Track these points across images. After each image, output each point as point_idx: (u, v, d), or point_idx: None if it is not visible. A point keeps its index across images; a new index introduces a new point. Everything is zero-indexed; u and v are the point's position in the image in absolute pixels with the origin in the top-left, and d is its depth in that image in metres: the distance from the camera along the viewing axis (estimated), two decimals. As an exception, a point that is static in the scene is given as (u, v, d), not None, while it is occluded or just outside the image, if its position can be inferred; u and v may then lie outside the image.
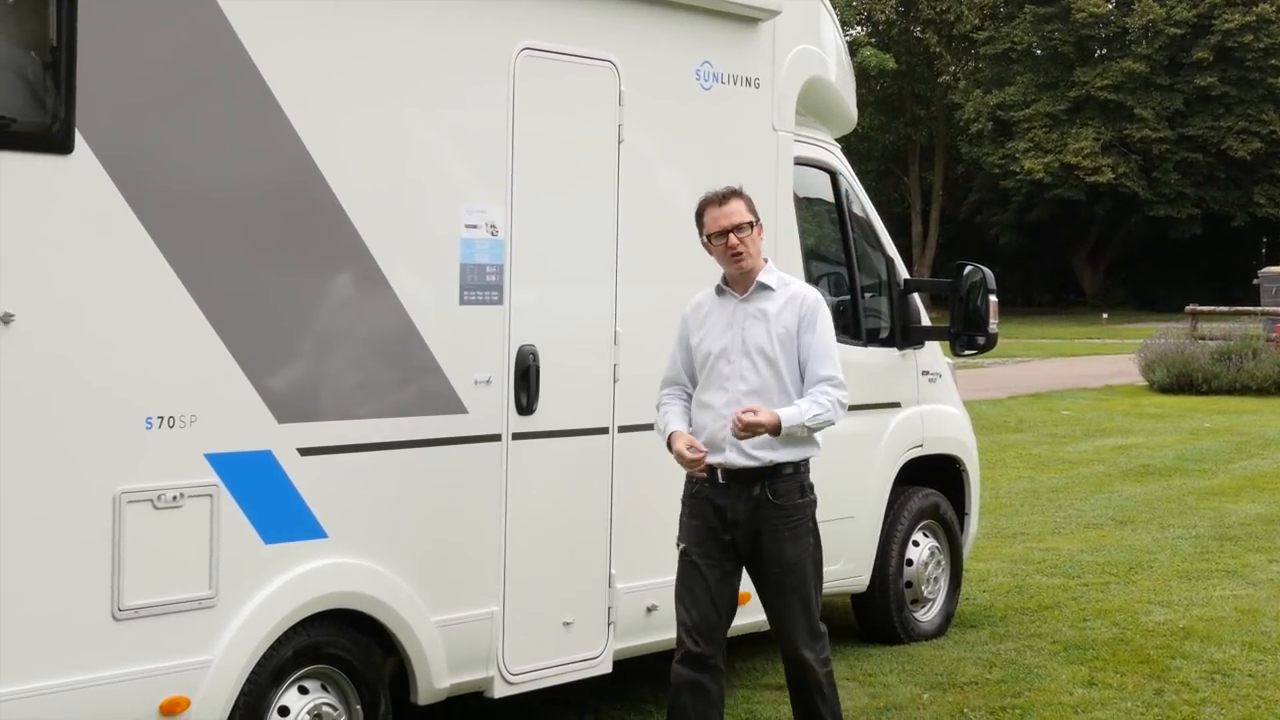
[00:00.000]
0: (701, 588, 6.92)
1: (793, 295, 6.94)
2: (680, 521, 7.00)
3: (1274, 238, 72.70)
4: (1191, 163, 63.81)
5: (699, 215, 7.05)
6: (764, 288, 6.95)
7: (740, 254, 6.92)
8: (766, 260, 7.05)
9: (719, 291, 7.05)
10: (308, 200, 6.44)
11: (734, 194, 7.00)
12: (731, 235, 6.90)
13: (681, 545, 6.98)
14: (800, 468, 6.89)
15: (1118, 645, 10.01)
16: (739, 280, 6.98)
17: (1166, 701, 8.75)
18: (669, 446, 6.92)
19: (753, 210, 7.00)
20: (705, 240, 7.02)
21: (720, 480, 6.83)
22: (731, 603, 6.98)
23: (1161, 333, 32.76)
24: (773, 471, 6.81)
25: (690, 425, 6.96)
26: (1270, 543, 13.87)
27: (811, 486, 6.95)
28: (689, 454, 6.80)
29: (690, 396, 7.05)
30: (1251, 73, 62.99)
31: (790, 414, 6.73)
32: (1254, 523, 14.99)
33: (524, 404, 7.26)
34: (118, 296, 5.83)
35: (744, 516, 6.82)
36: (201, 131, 6.08)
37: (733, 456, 6.80)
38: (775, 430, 6.69)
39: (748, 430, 6.68)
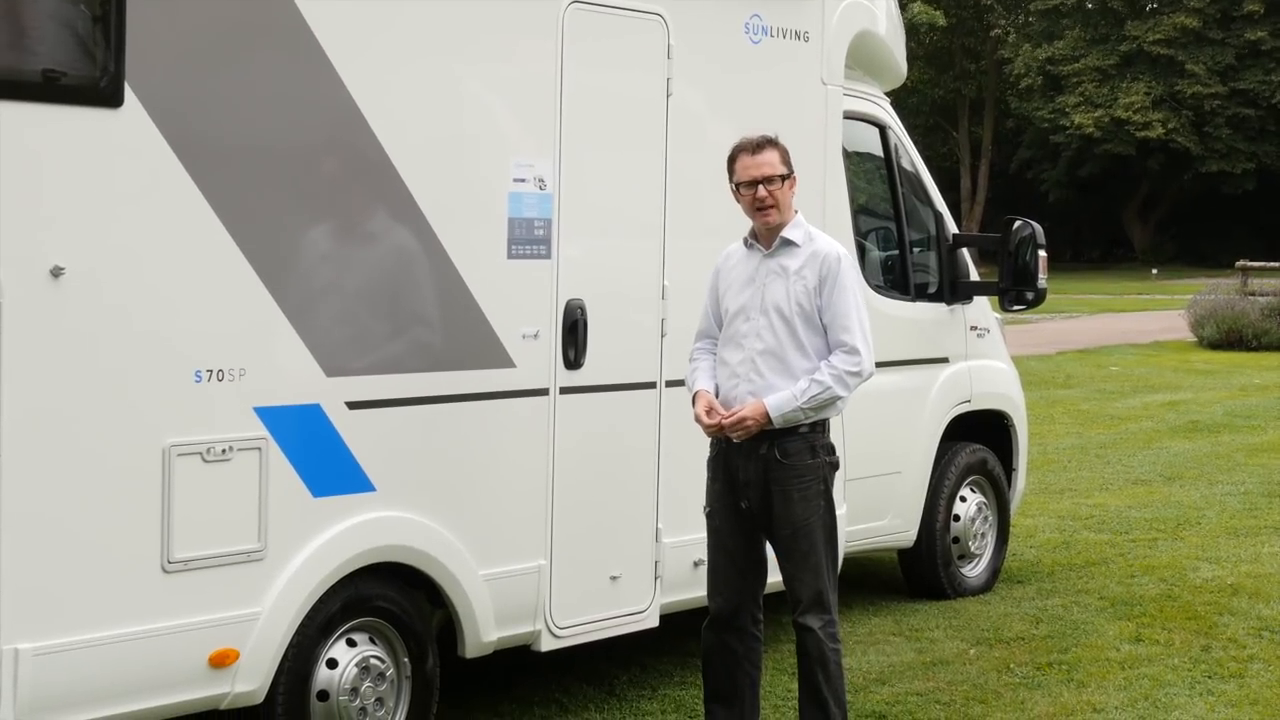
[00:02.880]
0: (722, 552, 6.91)
1: (815, 252, 6.76)
2: (706, 484, 6.98)
3: (1326, 193, 72.12)
4: (1243, 118, 63.22)
5: (731, 161, 6.88)
6: (788, 243, 6.79)
7: (768, 208, 6.77)
8: (797, 212, 6.89)
9: (746, 244, 6.93)
10: (356, 154, 6.44)
11: (769, 143, 6.82)
12: (761, 187, 6.75)
13: (706, 508, 6.96)
14: (815, 428, 6.73)
15: (1165, 601, 9.99)
16: (765, 234, 6.84)
17: (1214, 658, 8.73)
18: (693, 405, 6.88)
19: (787, 162, 6.83)
20: (734, 188, 6.87)
21: (735, 440, 6.75)
22: (758, 564, 6.93)
23: (1211, 288, 32.53)
24: (783, 431, 6.67)
25: (712, 380, 6.89)
26: (1320, 500, 13.81)
27: (828, 449, 6.79)
28: (706, 419, 6.74)
29: (713, 352, 6.98)
30: (1304, 26, 62.41)
31: (780, 400, 6.60)
32: (1303, 480, 14.93)
33: (571, 358, 7.25)
34: (166, 250, 5.84)
35: (755, 476, 6.73)
36: (250, 85, 6.07)
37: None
38: (766, 420, 6.61)
39: (743, 431, 6.63)
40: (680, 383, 7.59)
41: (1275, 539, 12.03)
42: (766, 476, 6.72)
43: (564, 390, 7.26)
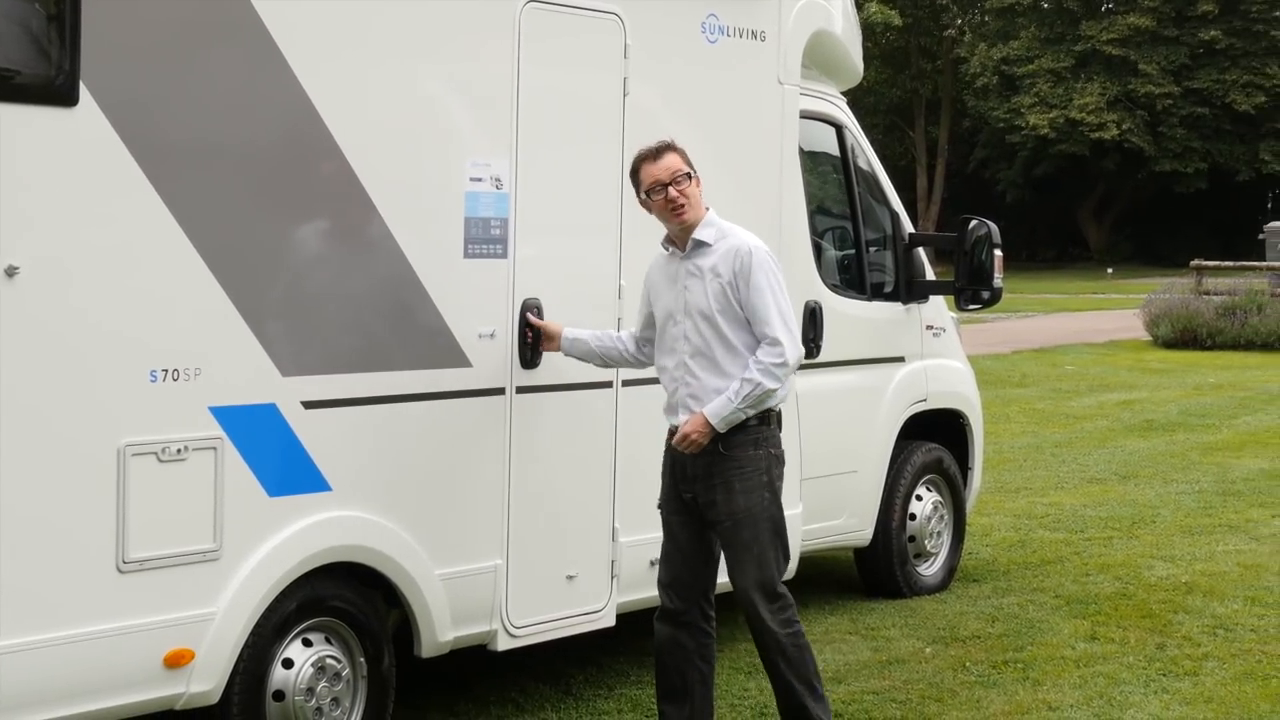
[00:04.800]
0: (673, 545, 6.98)
1: (728, 249, 6.80)
2: (661, 478, 7.02)
3: (1279, 192, 72.58)
4: (1197, 117, 63.53)
5: (634, 173, 6.94)
6: (700, 244, 6.84)
7: (681, 207, 6.80)
8: (708, 209, 6.92)
9: (665, 249, 7.00)
10: (313, 153, 6.43)
11: (668, 147, 6.88)
12: (671, 188, 6.79)
13: (659, 502, 7.02)
14: (761, 420, 6.79)
15: (1120, 600, 10.04)
16: (679, 236, 6.89)
17: (1168, 656, 8.77)
18: None
19: (688, 162, 6.88)
20: (644, 197, 6.91)
21: (687, 452, 6.81)
22: (706, 559, 6.98)
23: (1166, 287, 32.65)
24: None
25: (595, 343, 7.20)
26: (1273, 498, 13.90)
27: (770, 441, 6.84)
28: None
29: (633, 338, 7.20)
30: (1255, 25, 62.63)
31: (717, 406, 6.69)
32: (1257, 478, 15.01)
33: (527, 357, 7.25)
34: (122, 249, 5.82)
35: (700, 470, 6.80)
36: (206, 84, 6.05)
37: (685, 417, 6.80)
38: (709, 429, 6.69)
39: (691, 445, 6.72)
40: (637, 382, 7.61)
41: (1229, 537, 12.10)
42: (711, 469, 6.78)
43: (520, 390, 7.25)
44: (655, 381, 7.15)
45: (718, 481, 6.77)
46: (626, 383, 7.70)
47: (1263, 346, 28.90)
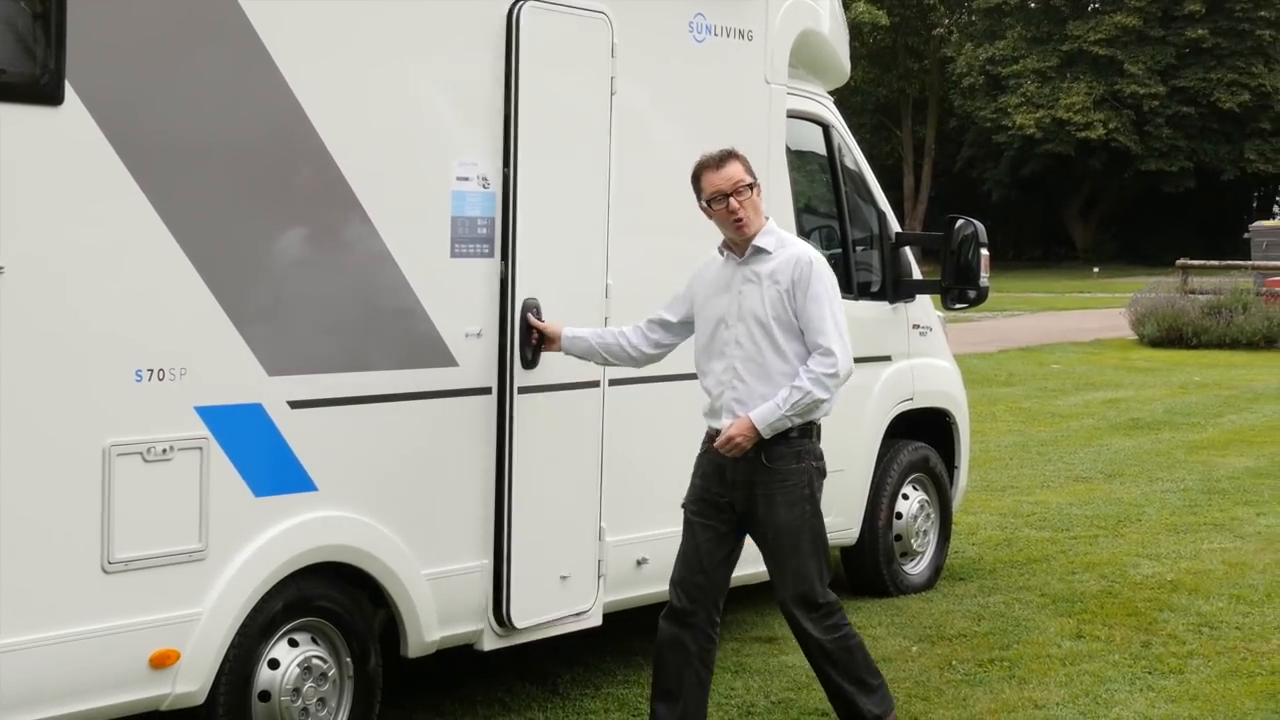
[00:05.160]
0: (691, 546, 6.94)
1: (788, 257, 6.81)
2: (691, 477, 7.01)
3: (1264, 192, 72.76)
4: (1183, 116, 63.69)
5: (695, 179, 6.92)
6: (760, 251, 6.84)
7: (741, 219, 6.81)
8: (768, 218, 6.95)
9: (721, 253, 7.00)
10: (299, 152, 6.42)
11: (731, 156, 6.88)
12: (732, 199, 6.80)
13: (684, 501, 7.01)
14: (803, 433, 6.81)
15: (1105, 598, 10.05)
16: (738, 243, 6.90)
17: (1154, 654, 8.79)
18: None
19: (750, 171, 6.89)
20: (704, 205, 6.91)
21: (730, 456, 6.80)
22: (723, 564, 6.96)
23: (1152, 286, 32.75)
24: (771, 436, 6.75)
25: (595, 340, 7.17)
26: (1258, 496, 13.93)
27: (813, 454, 6.86)
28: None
29: (657, 328, 7.15)
30: (1241, 24, 62.85)
31: (764, 412, 6.69)
32: (1242, 476, 15.04)
33: (529, 358, 7.24)
34: (107, 248, 5.80)
35: (742, 477, 6.80)
36: (193, 82, 6.04)
37: (728, 421, 6.79)
38: (755, 434, 6.69)
39: (735, 449, 6.72)
40: (624, 381, 7.61)
41: (1215, 536, 12.12)
42: (753, 479, 6.78)
43: (518, 390, 7.24)
44: (641, 381, 7.16)
45: (759, 493, 6.79)
46: (613, 383, 7.70)
47: (1248, 345, 28.99)
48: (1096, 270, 60.94)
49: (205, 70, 6.08)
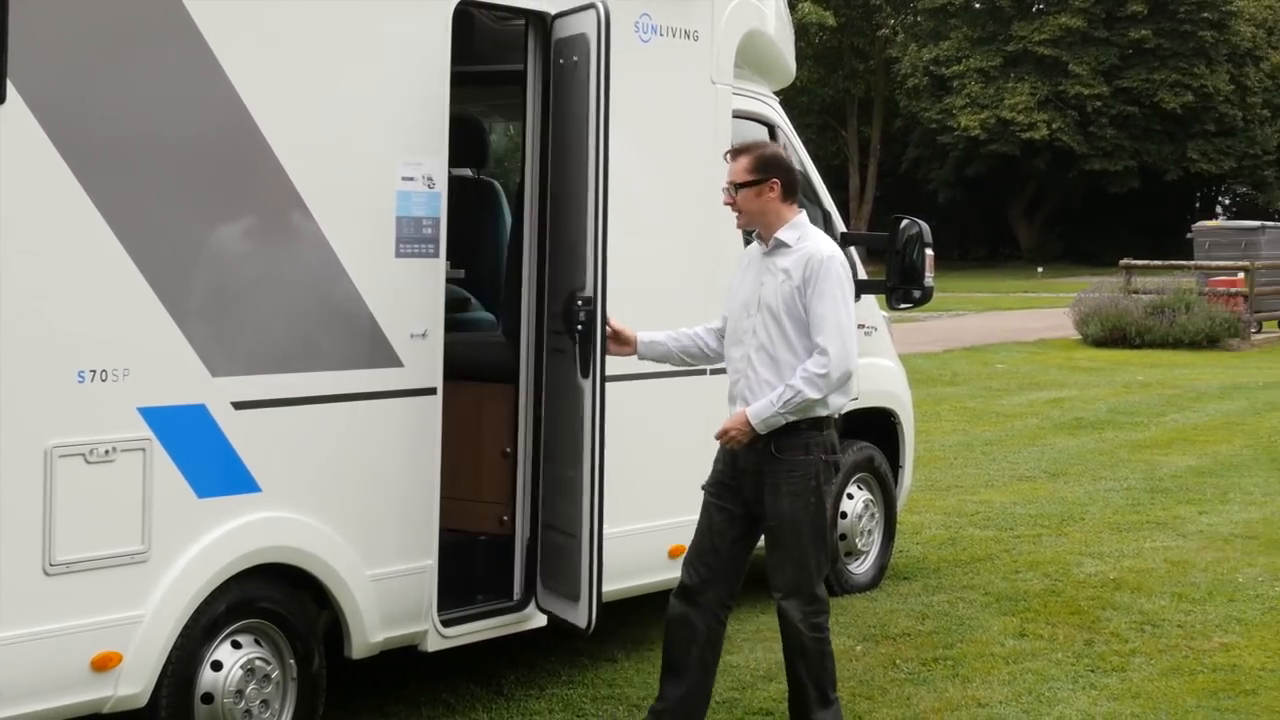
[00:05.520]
0: (706, 524, 7.07)
1: (804, 253, 6.89)
2: (713, 460, 7.13)
3: (1207, 192, 73.23)
4: (1127, 116, 63.99)
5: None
6: (780, 244, 6.94)
7: (738, 212, 7.00)
8: (801, 210, 7.06)
9: (756, 240, 7.13)
10: (243, 152, 6.39)
11: (740, 151, 7.06)
12: (725, 193, 7.02)
13: (705, 483, 7.12)
14: (814, 426, 6.87)
15: (1049, 597, 10.10)
16: (763, 234, 7.03)
17: (1096, 652, 8.84)
18: None
19: (754, 169, 6.95)
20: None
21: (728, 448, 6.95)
22: (736, 544, 7.06)
23: (1095, 286, 32.90)
24: (784, 427, 6.83)
25: (673, 343, 7.32)
26: (1200, 495, 14.01)
27: (823, 446, 6.91)
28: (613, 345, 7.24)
29: (710, 330, 7.31)
30: (1183, 25, 63.19)
31: (759, 409, 6.79)
32: (1184, 475, 15.13)
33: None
34: (49, 248, 5.77)
35: (751, 466, 6.90)
36: (136, 81, 6.02)
37: (740, 408, 6.91)
38: (749, 429, 6.79)
39: (730, 442, 6.85)
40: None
41: (1157, 534, 12.20)
42: (761, 468, 6.88)
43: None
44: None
45: (766, 482, 6.88)
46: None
47: (1190, 345, 29.16)
48: (1041, 270, 61.19)
49: (149, 70, 6.06)
